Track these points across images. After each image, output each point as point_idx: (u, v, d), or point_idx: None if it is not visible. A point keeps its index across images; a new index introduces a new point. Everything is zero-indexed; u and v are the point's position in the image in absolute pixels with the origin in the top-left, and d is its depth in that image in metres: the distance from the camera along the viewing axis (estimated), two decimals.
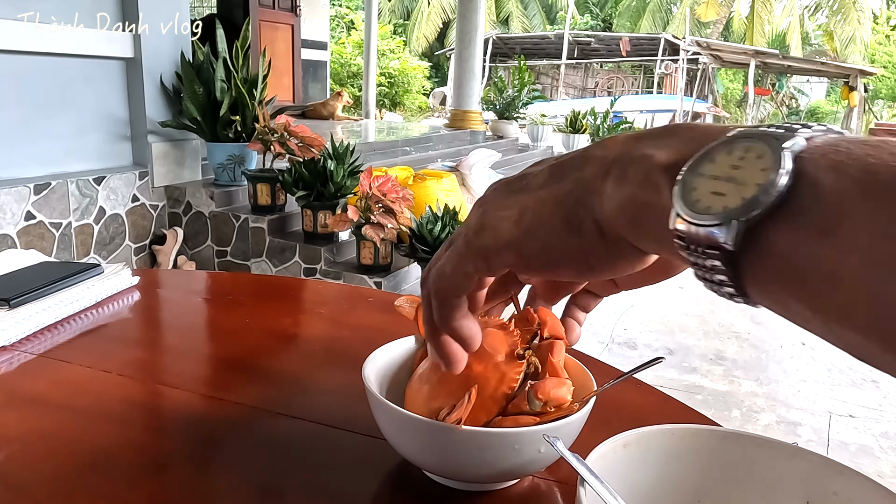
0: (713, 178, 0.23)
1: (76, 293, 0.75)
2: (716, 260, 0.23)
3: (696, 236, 0.23)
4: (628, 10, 21.08)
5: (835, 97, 18.66)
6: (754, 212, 0.22)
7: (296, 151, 2.86)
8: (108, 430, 0.52)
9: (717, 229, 0.22)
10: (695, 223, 0.23)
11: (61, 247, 2.79)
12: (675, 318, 3.38)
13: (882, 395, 2.57)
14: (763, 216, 0.22)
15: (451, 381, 0.43)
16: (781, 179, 0.21)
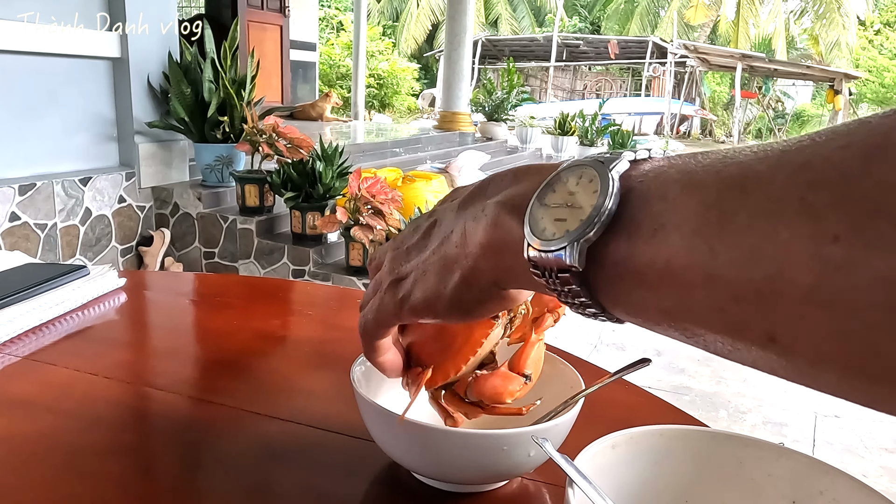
0: (555, 206, 0.26)
1: (62, 295, 0.75)
2: (570, 283, 0.25)
3: (547, 261, 0.25)
4: (616, 12, 21.19)
5: (820, 100, 18.85)
6: (591, 231, 0.24)
7: (284, 153, 2.85)
8: (95, 433, 0.51)
9: (562, 252, 0.24)
10: (542, 250, 0.25)
11: (46, 248, 2.76)
12: None
13: None
14: (600, 233, 0.24)
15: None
16: (611, 198, 0.24)
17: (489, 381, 0.41)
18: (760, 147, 0.21)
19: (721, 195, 0.21)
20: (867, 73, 17.51)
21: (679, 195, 0.22)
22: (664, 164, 0.24)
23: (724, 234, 0.20)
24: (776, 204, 0.19)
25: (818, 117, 18.49)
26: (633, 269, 0.23)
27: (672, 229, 0.22)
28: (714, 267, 0.20)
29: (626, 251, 0.23)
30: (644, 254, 0.22)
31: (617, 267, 0.24)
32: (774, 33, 19.11)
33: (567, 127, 7.55)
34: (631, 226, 0.23)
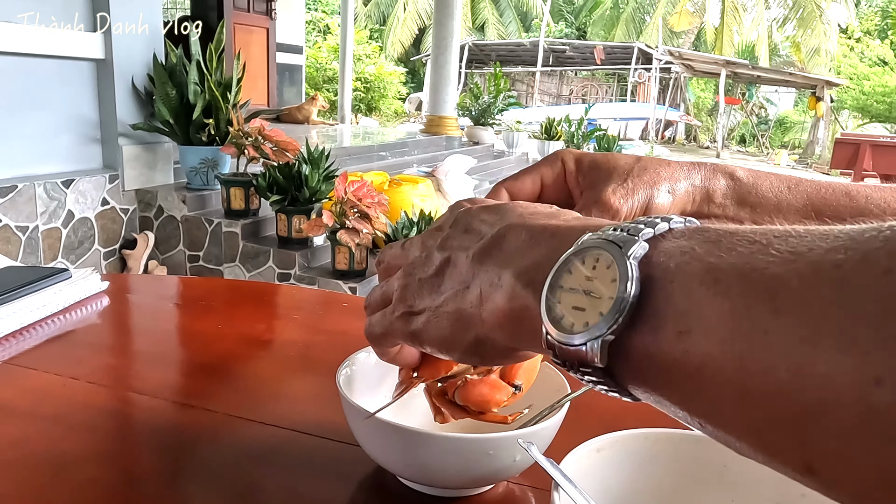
0: (572, 290, 0.25)
1: (43, 298, 0.74)
2: (591, 375, 0.24)
3: (567, 353, 0.24)
4: (602, 18, 21.35)
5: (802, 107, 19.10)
6: (613, 326, 0.23)
7: (270, 155, 2.84)
8: (76, 439, 0.50)
9: (584, 348, 0.24)
10: (563, 343, 0.24)
11: (28, 251, 2.72)
12: None
13: None
14: (622, 329, 0.23)
15: None
16: (631, 290, 0.22)
17: (477, 387, 0.41)
18: (788, 243, 0.20)
19: (751, 308, 0.19)
20: (848, 81, 17.76)
21: (705, 297, 0.21)
22: (684, 249, 0.23)
23: (756, 351, 0.19)
24: (813, 330, 0.18)
25: (800, 123, 18.73)
26: (659, 367, 0.22)
27: (700, 335, 0.21)
28: (747, 386, 0.19)
29: (651, 346, 0.22)
30: (671, 354, 0.21)
31: (642, 361, 0.23)
32: (758, 40, 19.35)
33: (553, 132, 7.58)
34: (655, 320, 0.22)
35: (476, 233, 0.32)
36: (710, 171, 0.43)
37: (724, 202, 0.43)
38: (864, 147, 11.04)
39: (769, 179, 0.43)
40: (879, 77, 18.32)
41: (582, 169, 0.44)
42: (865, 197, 0.42)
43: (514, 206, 0.32)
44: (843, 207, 0.42)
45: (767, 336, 0.19)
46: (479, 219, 0.33)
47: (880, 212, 0.42)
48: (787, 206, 0.42)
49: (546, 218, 0.30)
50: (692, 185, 0.42)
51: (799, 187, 0.43)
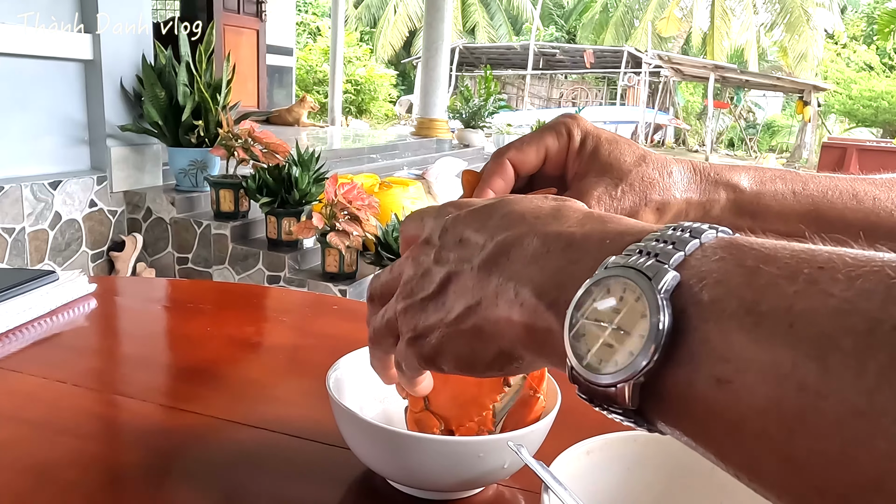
0: (598, 323, 0.23)
1: (30, 301, 0.73)
2: (620, 413, 0.23)
3: (596, 392, 0.23)
4: (592, 22, 21.44)
5: (790, 111, 19.26)
6: (646, 367, 0.21)
7: (260, 157, 2.83)
8: (62, 442, 0.50)
9: (614, 389, 0.22)
10: (590, 381, 0.23)
11: (14, 253, 2.70)
12: None
13: None
14: (655, 368, 0.21)
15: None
16: (663, 328, 0.21)
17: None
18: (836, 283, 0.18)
19: (798, 366, 0.18)
20: (835, 85, 17.94)
21: (745, 343, 0.19)
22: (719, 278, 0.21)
23: (805, 416, 0.18)
24: (869, 401, 0.16)
25: (788, 127, 18.88)
26: (696, 414, 0.21)
27: (742, 389, 0.19)
28: (794, 451, 0.18)
29: (687, 391, 0.20)
30: (709, 403, 0.20)
31: (676, 404, 0.21)
32: (746, 45, 19.51)
33: None
34: (691, 362, 0.20)
35: (473, 243, 0.30)
36: (712, 184, 0.41)
37: (721, 215, 0.41)
38: (850, 151, 11.14)
39: (775, 185, 0.41)
40: (866, 82, 18.52)
41: (584, 151, 0.41)
42: (873, 199, 0.41)
43: (511, 206, 0.30)
44: (850, 211, 0.41)
45: (818, 401, 0.17)
46: (471, 227, 0.30)
47: (887, 215, 0.41)
48: (791, 212, 0.41)
49: (554, 220, 0.27)
50: (687, 202, 0.41)
51: (805, 191, 0.41)
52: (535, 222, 0.28)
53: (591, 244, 0.25)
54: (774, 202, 0.41)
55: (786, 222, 0.41)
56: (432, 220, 0.33)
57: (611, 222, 0.26)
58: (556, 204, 0.29)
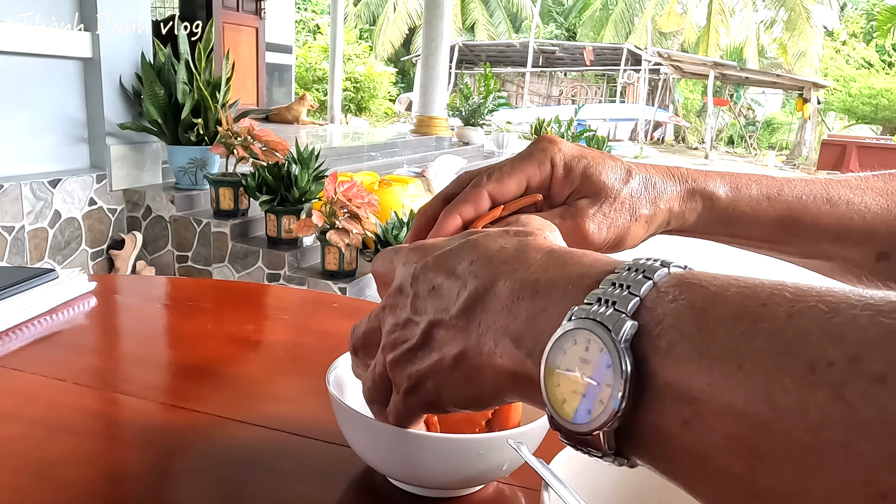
0: (569, 372, 0.24)
1: (29, 299, 0.73)
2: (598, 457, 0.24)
3: (574, 438, 0.24)
4: (591, 19, 21.43)
5: (789, 108, 19.25)
6: (617, 414, 0.22)
7: (259, 156, 2.83)
8: (62, 441, 0.50)
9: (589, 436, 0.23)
10: (568, 429, 0.24)
11: (14, 251, 2.70)
12: None
13: None
14: (626, 412, 0.22)
15: None
16: (627, 375, 0.22)
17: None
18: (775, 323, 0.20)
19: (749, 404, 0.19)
20: (834, 83, 17.93)
21: (703, 385, 0.21)
22: (672, 323, 0.22)
23: (761, 454, 0.19)
24: (818, 440, 0.17)
25: (788, 125, 18.87)
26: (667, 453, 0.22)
27: (703, 428, 0.20)
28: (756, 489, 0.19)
29: (657, 432, 0.22)
30: (678, 441, 0.21)
31: (649, 444, 0.23)
32: (745, 42, 19.49)
33: (543, 132, 7.60)
34: (657, 404, 0.22)
35: (446, 291, 0.31)
36: (689, 193, 0.42)
37: (698, 222, 0.42)
38: (850, 148, 11.15)
39: (750, 192, 0.42)
40: (865, 79, 18.52)
41: (572, 176, 0.42)
42: (847, 202, 0.42)
43: (476, 250, 0.31)
44: (824, 215, 0.42)
45: (770, 439, 0.19)
46: (441, 274, 0.31)
47: (860, 218, 0.42)
48: (766, 218, 0.42)
49: (519, 264, 0.29)
50: (669, 212, 0.42)
51: (780, 197, 0.42)
52: (501, 268, 0.29)
53: (556, 291, 0.27)
54: (749, 208, 0.42)
55: (761, 227, 0.42)
56: (402, 267, 0.34)
57: (571, 263, 0.28)
58: (519, 244, 0.30)
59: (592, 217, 0.40)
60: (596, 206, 0.41)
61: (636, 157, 12.29)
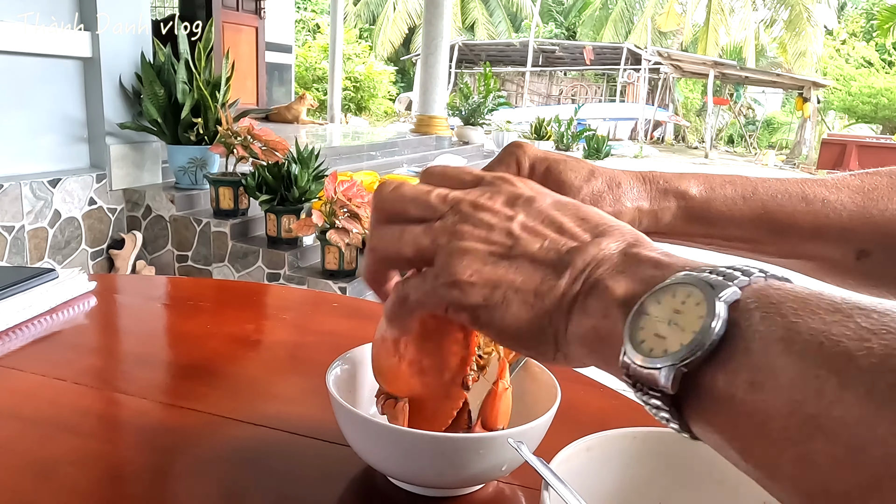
0: (657, 319, 0.25)
1: (29, 299, 0.73)
2: (658, 400, 0.25)
3: (640, 375, 0.25)
4: (591, 19, 21.42)
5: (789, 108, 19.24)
6: (690, 358, 0.24)
7: (259, 155, 2.83)
8: (62, 440, 0.50)
9: (658, 372, 0.24)
10: (639, 364, 0.25)
11: (13, 251, 2.70)
12: None
13: None
14: (699, 362, 0.24)
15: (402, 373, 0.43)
16: (716, 330, 0.24)
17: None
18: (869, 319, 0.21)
19: (820, 377, 0.21)
20: (834, 82, 17.93)
21: (780, 356, 0.22)
22: (772, 301, 0.24)
23: (821, 420, 0.20)
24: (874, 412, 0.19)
25: (787, 124, 18.87)
26: (727, 411, 0.23)
27: (771, 392, 0.22)
28: (808, 454, 0.21)
29: (722, 389, 0.23)
30: (741, 402, 0.23)
31: (710, 400, 0.24)
32: (745, 42, 19.49)
33: (543, 132, 7.61)
34: (731, 364, 0.23)
35: (567, 229, 0.31)
36: (661, 192, 0.42)
37: (673, 222, 0.42)
38: (850, 147, 11.15)
39: (724, 192, 0.42)
40: (865, 78, 18.51)
41: (534, 176, 0.42)
42: (822, 201, 0.42)
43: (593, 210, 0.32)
44: (800, 213, 0.42)
45: (832, 408, 0.20)
46: (562, 213, 0.32)
47: (836, 216, 0.42)
48: (741, 217, 0.42)
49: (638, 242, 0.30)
50: (638, 210, 0.42)
51: (755, 196, 0.42)
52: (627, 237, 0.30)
53: (677, 265, 0.28)
54: (725, 207, 0.42)
55: (738, 227, 0.42)
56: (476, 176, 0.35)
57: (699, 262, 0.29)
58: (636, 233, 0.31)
59: None
60: None
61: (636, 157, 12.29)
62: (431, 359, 0.42)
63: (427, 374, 0.42)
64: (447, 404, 0.42)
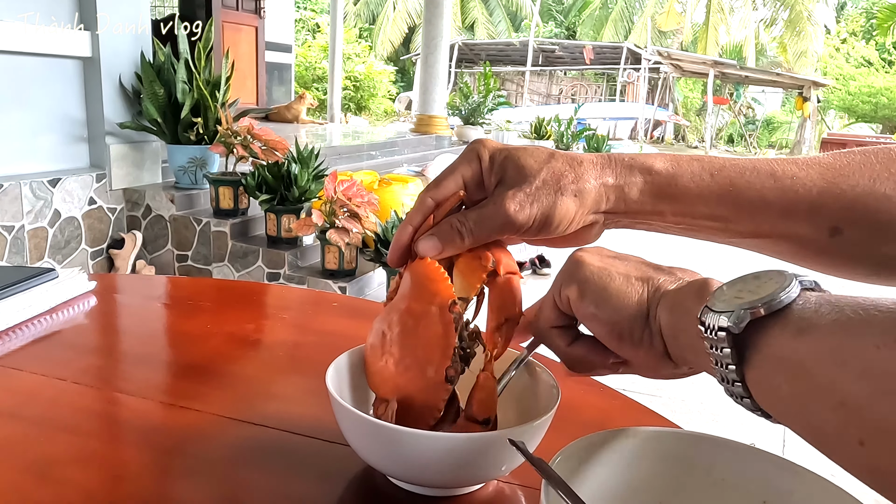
0: (738, 289, 0.32)
1: (29, 298, 0.73)
2: (725, 343, 0.30)
3: (712, 318, 0.31)
4: (591, 18, 21.41)
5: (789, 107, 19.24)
6: (759, 307, 0.30)
7: (259, 155, 2.83)
8: (62, 440, 0.50)
9: (727, 316, 0.31)
10: (714, 310, 0.32)
11: (13, 251, 2.70)
12: None
13: None
14: (766, 314, 0.29)
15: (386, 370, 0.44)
16: (787, 293, 0.30)
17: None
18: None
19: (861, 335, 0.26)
20: (834, 81, 17.92)
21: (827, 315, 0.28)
22: (830, 301, 0.29)
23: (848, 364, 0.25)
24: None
25: (787, 123, 18.86)
26: (775, 353, 0.29)
27: (814, 338, 0.27)
28: (845, 397, 0.25)
29: (775, 337, 0.29)
30: (788, 345, 0.28)
31: (763, 347, 0.30)
32: (745, 41, 19.48)
33: (543, 131, 7.60)
34: (787, 320, 0.29)
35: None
36: (626, 167, 0.42)
37: (641, 198, 0.42)
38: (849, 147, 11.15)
39: (691, 168, 0.42)
40: (865, 78, 18.51)
41: (493, 167, 0.44)
42: (792, 177, 0.42)
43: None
44: (769, 190, 0.41)
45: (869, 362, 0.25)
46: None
47: (806, 192, 0.41)
48: (709, 193, 0.42)
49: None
50: (603, 186, 0.42)
51: (722, 172, 0.42)
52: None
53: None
54: (692, 184, 0.42)
55: (706, 203, 0.42)
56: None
57: None
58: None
59: (512, 197, 0.41)
60: (516, 188, 0.42)
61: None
62: (414, 355, 0.43)
63: (411, 371, 0.43)
64: (433, 399, 0.42)
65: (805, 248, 0.43)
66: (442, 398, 0.42)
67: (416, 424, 0.42)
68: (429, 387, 0.42)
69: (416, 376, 0.43)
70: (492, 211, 0.42)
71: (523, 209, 0.41)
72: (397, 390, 0.43)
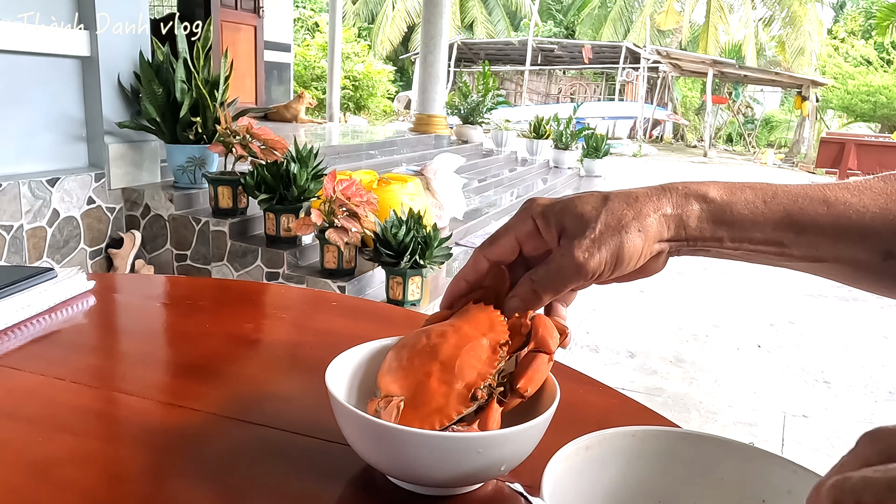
0: None
1: (28, 298, 0.73)
2: None
3: None
4: (590, 17, 21.41)
5: (788, 106, 19.25)
6: None
7: (258, 154, 2.82)
8: (61, 440, 0.50)
9: None
10: None
11: (12, 250, 2.69)
12: (636, 321, 3.44)
13: (833, 395, 2.66)
14: None
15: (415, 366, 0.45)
16: None
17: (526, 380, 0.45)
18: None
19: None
20: (833, 80, 17.92)
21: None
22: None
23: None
24: None
25: (786, 122, 18.88)
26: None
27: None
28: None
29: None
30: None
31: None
32: (744, 40, 19.48)
33: (542, 130, 7.61)
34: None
35: None
36: (682, 196, 0.43)
37: (701, 225, 0.43)
38: (848, 146, 11.15)
39: (745, 195, 0.43)
40: (864, 77, 18.51)
41: (550, 222, 0.44)
42: (844, 203, 0.42)
43: None
44: (821, 217, 0.42)
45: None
46: None
47: (859, 217, 0.42)
48: (764, 220, 0.43)
49: None
50: (663, 216, 0.43)
51: (775, 199, 0.43)
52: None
53: None
54: (747, 210, 0.43)
55: (761, 230, 0.43)
56: None
57: None
58: None
59: (579, 246, 0.42)
60: (580, 237, 0.43)
61: (635, 155, 12.29)
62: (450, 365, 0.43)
63: (440, 376, 0.43)
64: (449, 408, 0.43)
65: (860, 271, 0.43)
66: (458, 411, 0.43)
67: (420, 425, 0.42)
68: (451, 395, 0.43)
69: (443, 382, 0.43)
70: (561, 263, 0.43)
71: (592, 256, 0.42)
72: (412, 389, 0.43)
